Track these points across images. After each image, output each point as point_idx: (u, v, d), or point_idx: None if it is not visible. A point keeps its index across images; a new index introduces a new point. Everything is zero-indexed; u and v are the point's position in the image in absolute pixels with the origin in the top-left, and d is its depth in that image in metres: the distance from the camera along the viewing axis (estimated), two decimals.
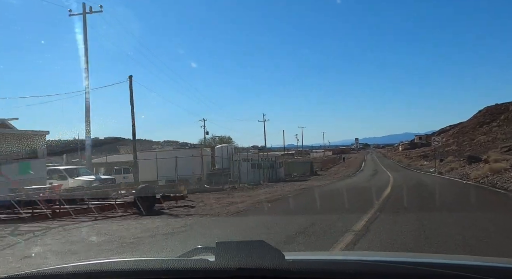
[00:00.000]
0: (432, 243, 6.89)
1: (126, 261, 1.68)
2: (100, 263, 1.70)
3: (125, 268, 1.59)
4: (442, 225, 8.70)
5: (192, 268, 1.52)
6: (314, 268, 1.53)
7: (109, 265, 1.66)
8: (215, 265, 1.49)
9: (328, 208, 12.89)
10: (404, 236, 7.52)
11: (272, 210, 13.37)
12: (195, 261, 1.56)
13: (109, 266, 1.64)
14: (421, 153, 73.90)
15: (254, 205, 14.86)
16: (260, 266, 1.45)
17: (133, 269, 1.56)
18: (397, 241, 7.17)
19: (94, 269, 1.62)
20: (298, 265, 1.48)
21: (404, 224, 8.88)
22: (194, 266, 1.52)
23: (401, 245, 6.78)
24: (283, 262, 1.49)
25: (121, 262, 1.70)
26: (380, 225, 8.91)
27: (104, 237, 9.07)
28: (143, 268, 1.57)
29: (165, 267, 1.54)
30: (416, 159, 68.15)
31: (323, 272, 1.50)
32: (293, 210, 13.57)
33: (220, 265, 1.48)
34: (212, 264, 1.50)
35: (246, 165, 33.66)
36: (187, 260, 1.60)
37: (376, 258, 2.06)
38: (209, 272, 1.48)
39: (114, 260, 1.78)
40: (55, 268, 1.72)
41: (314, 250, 6.88)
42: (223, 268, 1.46)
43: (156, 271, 1.54)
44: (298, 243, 7.33)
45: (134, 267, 1.58)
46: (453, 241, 7.02)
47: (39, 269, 1.73)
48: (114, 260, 1.78)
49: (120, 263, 1.69)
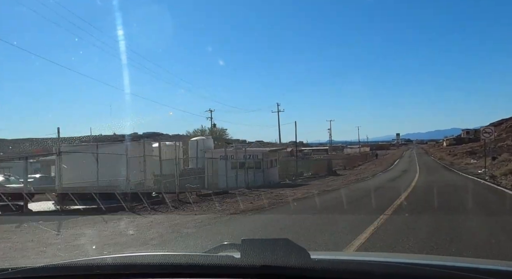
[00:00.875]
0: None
1: (154, 255, 1.75)
2: (128, 256, 1.81)
3: (152, 262, 1.64)
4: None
5: (218, 264, 1.54)
6: (339, 268, 1.50)
7: (137, 258, 1.74)
8: (240, 262, 1.51)
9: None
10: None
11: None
12: (221, 257, 1.60)
13: (137, 260, 1.71)
14: (467, 150, 63.35)
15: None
16: (285, 264, 1.46)
17: (160, 263, 1.61)
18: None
19: (123, 262, 1.69)
20: (323, 265, 1.49)
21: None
22: (220, 262, 1.54)
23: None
24: (308, 261, 1.50)
25: (149, 256, 1.76)
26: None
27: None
28: (170, 263, 1.61)
29: (191, 262, 1.58)
30: (461, 156, 58.07)
31: (348, 272, 1.48)
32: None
33: (245, 262, 1.50)
34: (237, 261, 1.52)
35: (225, 164, 25.60)
36: (213, 256, 1.65)
37: (403, 260, 1.84)
38: (234, 269, 1.50)
39: (142, 254, 1.85)
40: (84, 260, 1.77)
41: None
42: (247, 265, 1.49)
43: (182, 266, 1.58)
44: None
45: (161, 261, 1.63)
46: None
47: (68, 261, 1.81)
48: (142, 254, 1.85)
49: (148, 257, 1.74)
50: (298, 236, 7.79)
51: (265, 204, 14.71)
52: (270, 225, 10.19)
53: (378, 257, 2.31)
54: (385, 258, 2.07)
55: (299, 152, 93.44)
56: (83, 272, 1.66)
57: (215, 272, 1.52)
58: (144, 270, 1.61)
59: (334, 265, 1.52)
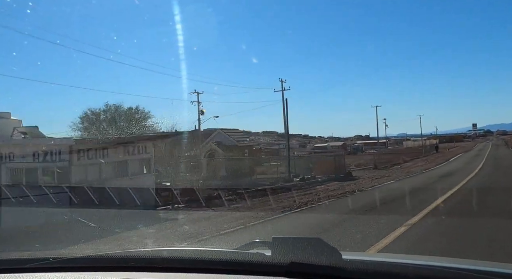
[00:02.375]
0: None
1: (187, 250, 1.86)
2: (161, 250, 1.87)
3: (185, 257, 1.70)
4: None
5: (250, 261, 1.56)
6: (372, 269, 1.48)
7: (171, 252, 1.81)
8: (271, 259, 1.52)
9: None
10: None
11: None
12: (252, 255, 1.61)
13: (171, 254, 1.77)
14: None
15: None
16: (315, 262, 1.46)
17: (193, 258, 1.67)
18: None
19: (156, 256, 1.74)
20: (355, 265, 1.46)
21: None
22: (252, 259, 1.56)
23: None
24: (339, 261, 1.47)
25: (182, 251, 1.85)
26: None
27: None
28: (203, 258, 1.66)
29: (223, 258, 1.61)
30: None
31: (381, 274, 1.46)
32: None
33: (276, 259, 1.51)
34: (268, 258, 1.53)
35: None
36: (244, 253, 1.65)
37: (436, 263, 1.75)
38: (265, 266, 1.51)
39: (176, 248, 1.99)
40: (120, 252, 1.92)
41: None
42: (277, 263, 1.49)
43: (214, 262, 1.61)
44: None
45: (194, 256, 1.69)
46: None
47: (105, 252, 1.92)
48: (176, 248, 1.99)
49: (181, 252, 1.82)
50: None
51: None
52: None
53: (410, 259, 2.02)
54: (417, 260, 1.88)
55: (348, 146, 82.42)
56: (119, 263, 1.73)
57: (246, 268, 1.54)
58: (177, 264, 1.65)
59: (367, 266, 1.50)
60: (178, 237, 9.25)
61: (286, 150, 33.37)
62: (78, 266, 1.74)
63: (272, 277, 1.48)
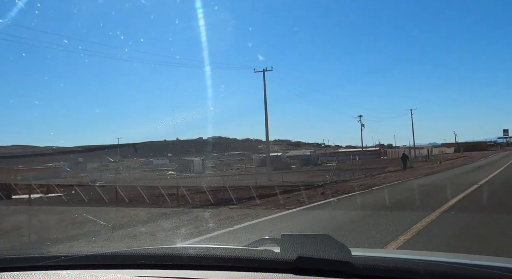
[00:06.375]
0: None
1: (195, 248, 1.82)
2: (170, 247, 1.91)
3: (193, 254, 1.71)
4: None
5: (258, 258, 1.58)
6: (381, 265, 1.48)
7: (179, 250, 1.84)
8: (280, 256, 1.54)
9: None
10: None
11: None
12: (260, 251, 1.62)
13: (179, 251, 1.80)
14: None
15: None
16: (321, 256, 1.47)
17: (202, 255, 1.69)
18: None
19: (165, 253, 1.78)
20: (365, 261, 1.47)
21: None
22: (260, 256, 1.58)
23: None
24: (348, 257, 1.47)
25: (191, 248, 1.83)
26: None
27: None
28: (211, 255, 1.68)
29: (231, 255, 1.64)
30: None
31: (391, 270, 1.45)
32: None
33: (283, 256, 1.53)
34: (277, 255, 1.56)
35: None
36: (253, 249, 1.67)
37: (449, 259, 1.74)
38: (274, 263, 1.54)
39: (184, 246, 2.04)
40: (130, 250, 1.91)
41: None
42: (284, 259, 1.52)
43: (223, 259, 1.64)
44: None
45: (202, 253, 1.70)
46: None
47: (116, 250, 1.92)
48: (184, 246, 2.04)
49: (190, 249, 1.80)
50: None
51: None
52: None
53: (421, 255, 2.12)
54: (429, 256, 1.87)
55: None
56: (129, 261, 1.77)
57: (255, 265, 1.56)
58: (185, 261, 1.68)
59: (376, 262, 1.51)
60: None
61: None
62: (90, 264, 1.77)
63: (280, 274, 1.51)
